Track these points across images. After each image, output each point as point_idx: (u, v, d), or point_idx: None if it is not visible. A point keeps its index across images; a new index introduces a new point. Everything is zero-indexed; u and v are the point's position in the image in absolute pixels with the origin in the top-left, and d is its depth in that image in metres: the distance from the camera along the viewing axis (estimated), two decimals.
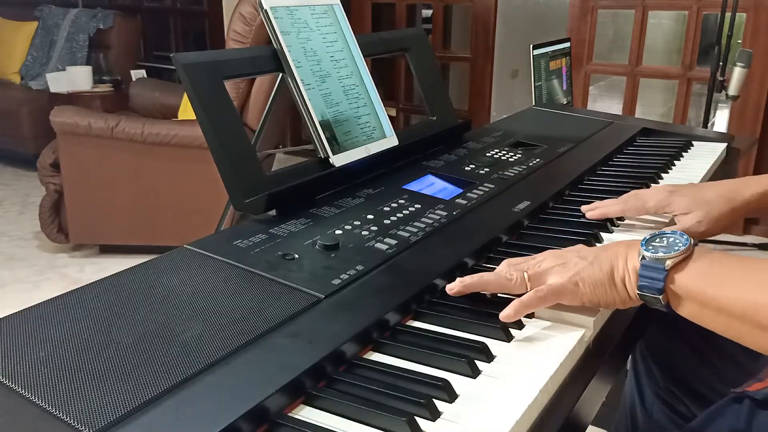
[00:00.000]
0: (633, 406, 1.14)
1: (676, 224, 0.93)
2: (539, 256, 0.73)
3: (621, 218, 0.98)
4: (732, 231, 3.13)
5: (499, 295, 0.73)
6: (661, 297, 0.65)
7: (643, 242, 0.67)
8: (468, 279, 0.72)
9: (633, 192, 0.97)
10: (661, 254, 0.65)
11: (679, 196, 0.93)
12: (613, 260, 0.68)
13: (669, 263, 0.64)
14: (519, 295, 0.69)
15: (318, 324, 0.63)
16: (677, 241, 0.66)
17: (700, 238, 0.94)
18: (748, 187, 0.92)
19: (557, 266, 0.70)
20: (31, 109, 3.93)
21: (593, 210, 0.95)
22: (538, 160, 1.18)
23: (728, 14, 2.48)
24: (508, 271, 0.71)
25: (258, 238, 0.79)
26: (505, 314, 0.67)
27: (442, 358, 0.61)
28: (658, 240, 0.67)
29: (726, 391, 0.79)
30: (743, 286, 0.62)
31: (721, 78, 2.50)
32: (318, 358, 0.58)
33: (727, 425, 0.76)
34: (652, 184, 1.12)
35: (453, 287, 0.72)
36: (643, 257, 0.66)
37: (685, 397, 1.04)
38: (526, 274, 0.70)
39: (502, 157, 1.18)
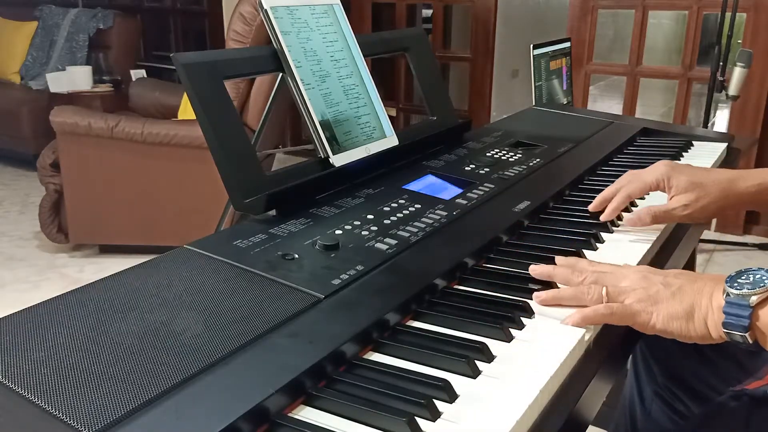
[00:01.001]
0: (632, 404, 1.14)
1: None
2: (624, 271, 0.72)
3: (629, 210, 0.98)
4: (732, 231, 3.13)
5: (499, 295, 0.73)
6: (747, 335, 0.64)
7: (728, 279, 0.66)
8: (544, 294, 0.71)
9: (629, 173, 0.96)
10: (746, 291, 0.64)
11: (678, 173, 0.92)
12: (696, 296, 0.67)
13: (754, 299, 0.63)
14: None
15: (318, 324, 0.63)
16: (763, 277, 0.65)
17: (682, 221, 0.95)
18: (745, 180, 0.92)
19: (639, 290, 0.69)
20: (31, 109, 3.93)
21: (603, 211, 0.94)
22: (538, 160, 1.18)
23: (728, 14, 2.48)
24: (585, 285, 0.71)
25: (258, 238, 0.79)
26: (570, 321, 0.67)
27: (442, 358, 0.61)
28: (743, 277, 0.66)
29: (725, 390, 0.80)
30: None
31: (721, 78, 2.50)
32: (318, 358, 0.58)
33: (725, 423, 0.76)
34: None
35: (538, 297, 0.72)
36: (728, 294, 0.65)
37: (685, 395, 1.04)
38: (605, 289, 0.70)
39: (502, 157, 1.18)
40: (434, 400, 0.55)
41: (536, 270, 0.75)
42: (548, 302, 0.71)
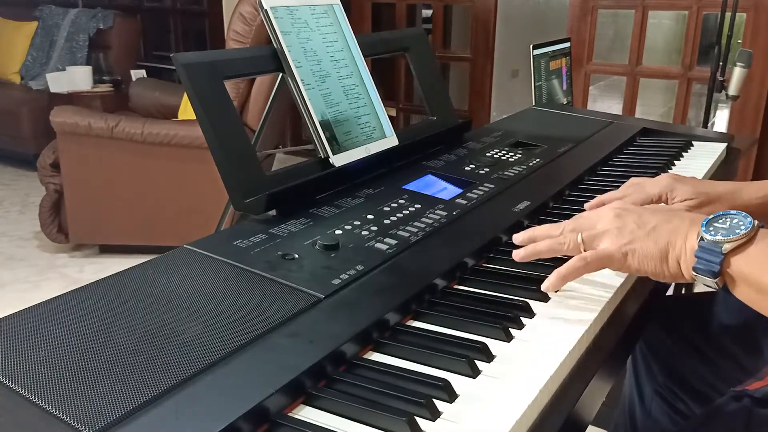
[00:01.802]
0: (632, 404, 1.14)
1: None
2: (600, 212, 0.72)
3: None
4: None
5: (499, 294, 0.73)
6: (716, 280, 0.63)
7: (704, 222, 0.65)
8: (523, 252, 0.72)
9: (632, 181, 0.95)
10: (719, 237, 0.63)
11: (682, 184, 0.93)
12: (671, 236, 0.67)
13: (727, 247, 0.63)
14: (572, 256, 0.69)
15: (318, 324, 0.63)
16: (740, 223, 0.64)
17: None
18: (750, 191, 0.92)
19: (614, 229, 0.68)
20: (31, 109, 3.93)
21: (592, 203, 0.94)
22: (538, 160, 1.18)
23: (728, 14, 2.48)
24: (562, 235, 0.71)
25: (258, 238, 0.79)
26: (548, 285, 0.67)
27: (442, 358, 0.61)
28: (720, 221, 0.65)
29: (726, 390, 0.80)
30: None
31: (721, 78, 2.50)
32: (318, 358, 0.58)
33: (726, 423, 0.76)
34: None
35: (517, 254, 0.72)
36: (702, 238, 0.64)
37: (685, 395, 1.04)
38: (580, 235, 0.69)
39: (502, 157, 1.18)
40: (434, 400, 0.55)
41: (519, 237, 0.76)
42: (527, 257, 0.71)
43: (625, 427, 1.16)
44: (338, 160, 0.98)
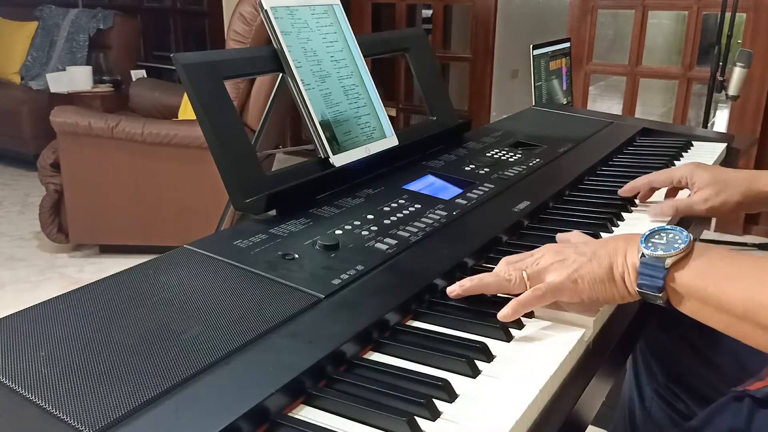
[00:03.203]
0: (632, 404, 1.14)
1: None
2: (537, 252, 0.73)
3: (629, 210, 1.02)
4: (732, 231, 3.13)
5: (499, 294, 0.73)
6: (661, 295, 0.65)
7: (643, 239, 0.66)
8: (468, 282, 0.71)
9: (668, 169, 1.03)
10: (660, 252, 0.64)
11: (702, 170, 0.98)
12: (612, 256, 0.68)
13: (669, 261, 0.64)
14: (519, 294, 0.69)
15: (318, 324, 0.63)
16: (677, 238, 0.65)
17: (703, 215, 0.99)
18: (765, 179, 0.96)
19: (556, 263, 0.69)
20: (31, 109, 3.93)
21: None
22: (538, 160, 1.18)
23: (728, 14, 2.48)
24: (506, 271, 0.71)
25: (258, 238, 0.79)
26: (503, 314, 0.67)
27: (442, 358, 0.61)
28: (657, 236, 0.66)
29: (726, 390, 0.79)
30: (744, 285, 0.61)
31: (721, 78, 2.50)
32: (318, 358, 0.58)
33: (726, 424, 0.76)
34: None
35: (453, 290, 0.72)
36: (643, 254, 0.65)
37: (685, 395, 1.04)
38: (525, 272, 0.70)
39: (502, 157, 1.18)
40: (434, 400, 0.55)
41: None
42: (471, 289, 0.71)
43: (625, 427, 1.15)
44: (338, 160, 0.98)
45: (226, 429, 0.49)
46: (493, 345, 0.64)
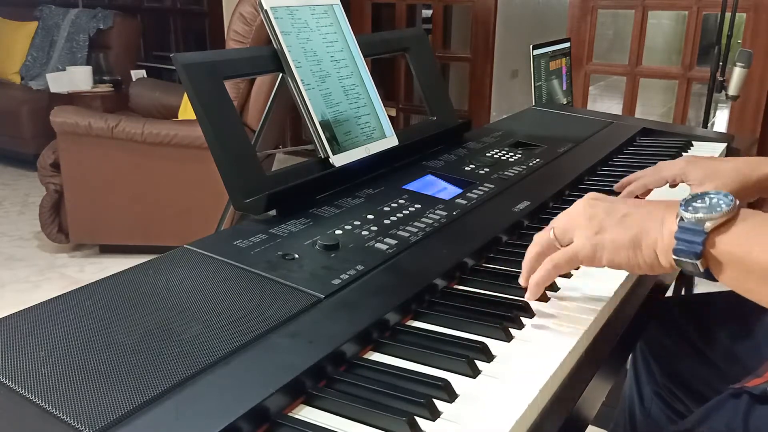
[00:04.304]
0: (632, 404, 1.14)
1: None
2: (573, 207, 0.70)
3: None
4: None
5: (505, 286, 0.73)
6: (699, 262, 0.59)
7: (683, 203, 0.61)
8: (532, 290, 0.70)
9: (657, 165, 1.00)
10: (701, 215, 0.59)
11: (694, 166, 0.96)
12: (644, 222, 0.63)
13: (709, 225, 0.58)
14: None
15: (318, 324, 0.63)
16: (720, 201, 0.60)
17: None
18: (763, 165, 0.93)
19: (583, 220, 0.66)
20: (31, 109, 3.93)
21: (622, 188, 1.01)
22: (538, 160, 1.18)
23: (728, 14, 2.48)
24: (539, 237, 0.70)
25: (258, 238, 0.79)
26: (528, 295, 0.68)
27: (442, 358, 0.61)
28: (699, 201, 0.61)
29: (725, 390, 0.79)
30: None
31: (721, 78, 2.50)
32: (318, 358, 0.58)
33: (724, 420, 0.75)
34: None
35: (530, 295, 0.70)
36: (682, 219, 0.60)
37: (684, 395, 1.04)
38: (552, 231, 0.68)
39: (502, 157, 1.18)
40: (434, 400, 0.55)
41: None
42: (535, 285, 0.70)
43: (625, 427, 1.15)
44: (338, 160, 0.98)
45: (226, 429, 0.49)
46: (493, 345, 0.64)
